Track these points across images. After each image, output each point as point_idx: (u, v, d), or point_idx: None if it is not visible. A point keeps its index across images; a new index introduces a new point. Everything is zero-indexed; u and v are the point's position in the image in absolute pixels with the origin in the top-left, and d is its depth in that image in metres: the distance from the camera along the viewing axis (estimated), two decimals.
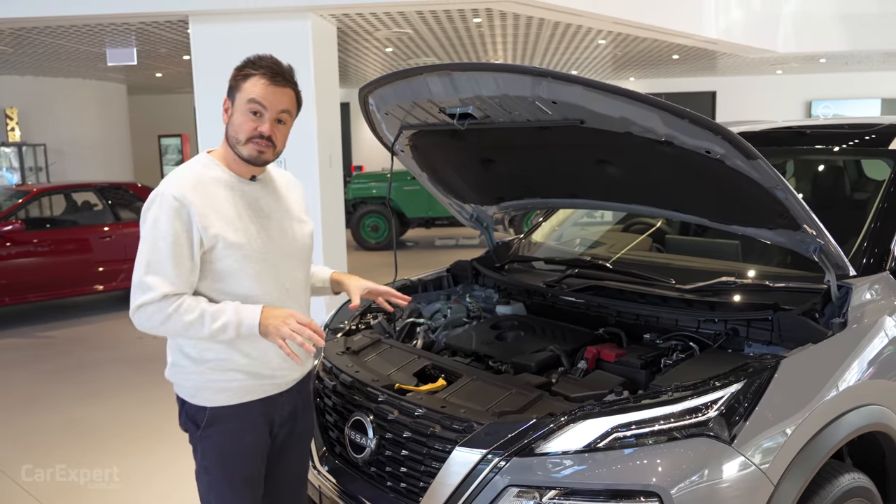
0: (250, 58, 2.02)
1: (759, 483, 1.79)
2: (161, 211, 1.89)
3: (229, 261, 1.94)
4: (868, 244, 2.43)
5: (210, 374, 1.98)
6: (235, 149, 1.99)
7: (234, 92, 2.00)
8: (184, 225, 1.89)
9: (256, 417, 2.04)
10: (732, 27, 9.88)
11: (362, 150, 17.01)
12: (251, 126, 1.95)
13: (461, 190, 3.12)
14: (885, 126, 2.98)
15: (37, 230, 7.82)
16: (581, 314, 2.68)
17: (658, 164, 2.24)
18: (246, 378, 2.00)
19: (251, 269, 1.97)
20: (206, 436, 2.02)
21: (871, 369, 2.13)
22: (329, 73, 7.14)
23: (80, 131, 13.20)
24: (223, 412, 2.00)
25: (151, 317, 1.88)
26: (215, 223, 1.92)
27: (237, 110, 1.97)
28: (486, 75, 2.15)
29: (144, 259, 1.89)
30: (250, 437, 2.04)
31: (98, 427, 4.71)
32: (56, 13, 6.60)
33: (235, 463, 2.03)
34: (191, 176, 1.97)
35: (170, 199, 1.89)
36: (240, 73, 2.00)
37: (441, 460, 1.94)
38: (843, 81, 15.51)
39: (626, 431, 1.80)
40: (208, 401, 2.00)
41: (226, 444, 2.02)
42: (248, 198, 2.03)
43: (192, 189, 1.93)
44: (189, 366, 2.00)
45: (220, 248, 1.93)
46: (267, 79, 1.96)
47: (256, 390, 2.03)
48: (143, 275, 1.88)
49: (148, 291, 1.87)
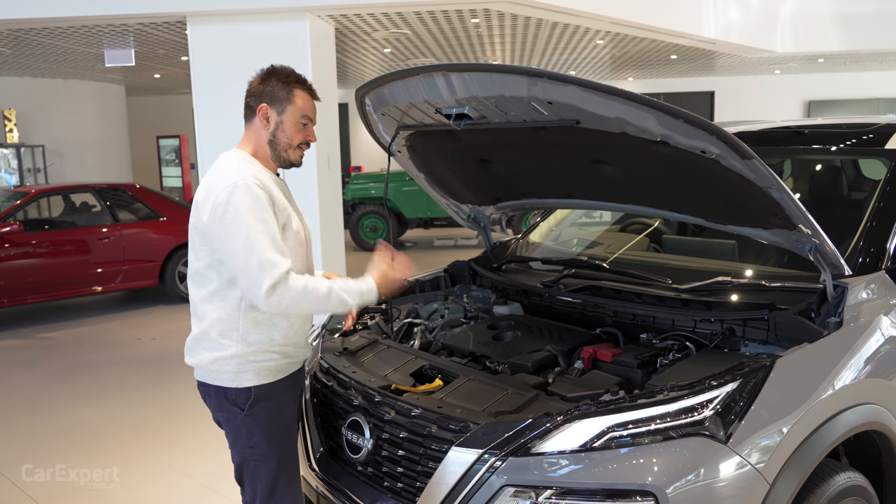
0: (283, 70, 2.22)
1: (754, 482, 1.79)
2: (252, 196, 2.05)
3: (290, 243, 2.16)
4: (864, 243, 2.44)
5: (253, 356, 2.15)
6: (285, 153, 2.23)
7: (282, 103, 2.20)
8: (272, 207, 2.10)
9: (290, 393, 2.26)
10: (730, 27, 9.89)
11: (361, 150, 17.01)
12: (303, 135, 2.24)
13: (458, 190, 3.12)
14: (882, 125, 2.98)
15: (35, 231, 7.82)
16: (578, 314, 2.68)
17: (654, 164, 2.24)
18: (280, 357, 2.20)
19: (301, 253, 2.22)
20: (251, 414, 2.17)
21: (866, 368, 2.14)
22: (327, 73, 7.14)
23: (79, 132, 13.20)
24: (265, 390, 2.17)
25: (285, 294, 2.02)
26: (286, 208, 2.17)
27: (289, 121, 2.20)
28: (483, 76, 2.16)
29: (258, 241, 2.01)
30: (287, 412, 2.25)
31: (97, 428, 4.71)
32: (54, 14, 6.59)
33: (279, 437, 2.21)
34: (250, 169, 2.15)
35: (254, 186, 2.07)
36: (287, 88, 2.20)
37: (438, 460, 1.95)
38: (841, 81, 15.53)
39: (622, 431, 1.80)
40: (251, 381, 2.16)
41: (271, 420, 2.20)
42: (277, 190, 2.20)
43: (260, 177, 2.14)
44: (232, 350, 2.14)
45: (288, 231, 2.16)
46: (311, 94, 2.25)
47: (286, 368, 2.24)
48: (264, 253, 2.01)
49: (274, 268, 2.00)
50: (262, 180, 2.12)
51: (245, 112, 2.25)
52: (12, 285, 7.32)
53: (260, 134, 2.22)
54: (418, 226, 12.72)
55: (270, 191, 2.12)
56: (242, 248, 2.01)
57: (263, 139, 2.22)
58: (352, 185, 12.43)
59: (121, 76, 12.84)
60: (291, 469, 2.26)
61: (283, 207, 2.15)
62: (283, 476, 2.22)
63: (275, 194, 2.14)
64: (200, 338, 2.18)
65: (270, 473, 2.19)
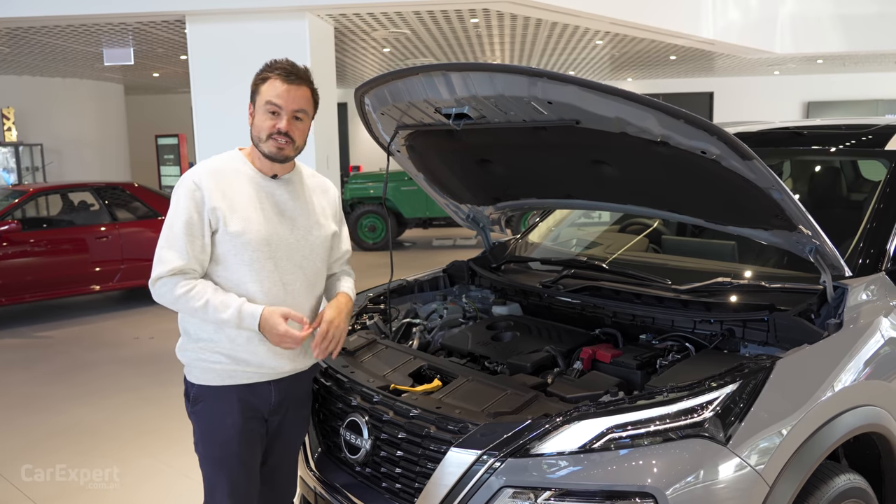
0: (267, 62, 2.16)
1: (754, 484, 1.79)
2: (180, 191, 2.10)
3: (227, 246, 2.10)
4: (864, 245, 2.43)
5: (200, 353, 2.14)
6: (259, 147, 2.16)
7: (254, 96, 2.16)
8: (196, 205, 2.07)
9: (237, 402, 2.15)
10: (730, 28, 9.89)
11: (360, 150, 17.00)
12: (270, 124, 2.11)
13: (457, 190, 3.12)
14: (882, 127, 2.98)
15: (33, 230, 7.81)
16: (577, 315, 2.68)
17: (654, 164, 2.24)
18: (229, 362, 2.12)
19: (246, 257, 2.11)
20: (194, 412, 2.19)
21: (866, 370, 2.13)
22: (326, 73, 7.14)
23: (77, 131, 13.18)
24: (206, 391, 2.15)
25: (164, 294, 2.08)
26: (220, 205, 2.09)
27: (258, 112, 2.14)
28: (482, 75, 2.15)
29: (164, 235, 2.09)
30: (230, 419, 2.15)
31: (96, 427, 4.70)
32: (53, 13, 6.59)
33: (217, 442, 2.16)
34: (213, 164, 2.16)
35: (188, 182, 2.10)
36: (258, 78, 2.15)
37: (436, 461, 1.94)
38: (840, 82, 15.54)
39: (621, 432, 1.80)
40: (196, 378, 2.17)
41: (208, 421, 2.17)
42: (264, 192, 2.18)
43: (210, 175, 2.12)
44: (185, 342, 2.18)
45: (221, 232, 2.09)
46: (282, 79, 2.10)
47: (239, 376, 2.14)
48: (160, 249, 2.08)
49: (161, 265, 2.07)
50: (202, 178, 2.09)
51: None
52: (10, 284, 7.30)
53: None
54: (417, 226, 12.71)
55: (205, 190, 2.08)
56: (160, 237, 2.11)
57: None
58: (350, 185, 12.43)
59: (119, 75, 12.83)
60: (232, 475, 2.15)
61: (214, 208, 2.06)
62: (221, 480, 2.16)
63: (208, 195, 2.07)
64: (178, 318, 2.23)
65: (207, 476, 2.20)
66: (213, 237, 2.10)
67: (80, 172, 12.85)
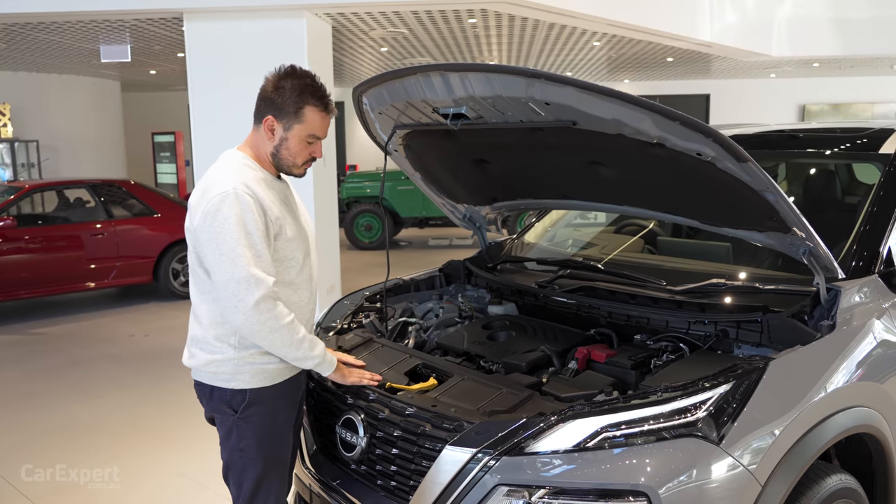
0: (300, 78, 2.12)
1: (746, 483, 1.80)
2: (241, 207, 2.02)
3: (286, 251, 2.15)
4: (857, 247, 2.45)
5: (250, 359, 2.13)
6: (290, 171, 2.20)
7: (289, 119, 2.12)
8: (262, 218, 2.06)
9: (287, 398, 2.23)
10: (727, 30, 9.91)
11: (356, 149, 17.00)
12: (308, 152, 2.18)
13: (454, 190, 3.13)
14: (876, 130, 2.99)
15: (29, 227, 7.80)
16: (572, 315, 2.69)
17: (650, 165, 2.25)
18: (279, 361, 2.17)
19: (300, 258, 2.19)
20: (244, 417, 2.16)
21: (859, 371, 2.15)
22: (324, 72, 7.14)
23: (74, 128, 13.14)
24: (261, 393, 2.16)
25: (268, 320, 2.02)
26: (280, 216, 2.12)
27: (295, 139, 2.14)
28: (480, 76, 2.16)
29: (243, 255, 1.99)
30: (283, 417, 2.23)
31: (91, 425, 4.70)
32: (50, 9, 6.57)
33: (273, 443, 2.20)
34: (248, 175, 2.11)
35: (245, 196, 2.03)
36: (297, 100, 2.10)
37: (431, 459, 1.95)
38: (836, 85, 15.59)
39: (615, 431, 1.81)
40: (247, 383, 2.15)
41: (263, 424, 2.17)
42: (282, 194, 2.21)
43: (256, 185, 2.10)
44: (229, 353, 2.13)
45: (283, 239, 2.13)
46: (323, 110, 2.14)
47: (286, 371, 2.21)
48: (250, 268, 2.00)
49: (261, 283, 2.01)
50: (253, 189, 2.06)
51: (255, 112, 2.18)
52: (5, 280, 7.29)
53: (263, 142, 2.17)
54: (413, 225, 12.71)
55: (262, 200, 2.07)
56: (228, 261, 2.00)
57: (265, 148, 2.18)
58: (347, 184, 12.42)
59: (116, 72, 12.80)
60: (279, 474, 2.24)
61: (276, 217, 2.10)
62: (269, 480, 2.20)
63: (266, 204, 2.08)
64: (198, 339, 2.18)
65: (255, 477, 2.18)
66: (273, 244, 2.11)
67: (76, 169, 12.80)
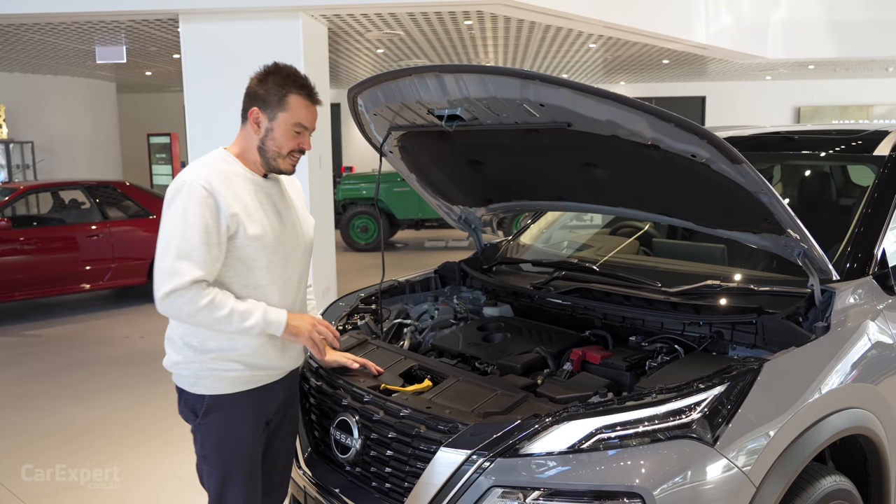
0: (282, 71, 2.10)
1: (741, 485, 1.80)
2: (190, 199, 1.98)
3: (248, 250, 2.05)
4: (852, 249, 2.45)
5: (211, 364, 2.07)
6: (274, 161, 2.12)
7: (273, 108, 2.08)
8: (212, 213, 1.99)
9: (251, 407, 2.13)
10: (722, 33, 9.94)
11: (352, 151, 17.00)
12: (295, 143, 2.12)
13: (449, 191, 3.13)
14: (871, 132, 3.00)
15: (23, 228, 7.77)
16: (567, 316, 2.69)
17: (644, 167, 2.25)
18: (244, 368, 2.09)
19: (265, 260, 2.09)
20: (204, 424, 2.11)
21: (853, 373, 2.15)
22: (320, 73, 7.13)
23: (69, 129, 13.12)
24: (221, 401, 2.09)
25: (181, 307, 1.96)
26: (238, 211, 2.03)
27: (280, 128, 2.09)
28: (475, 77, 2.16)
29: (175, 246, 1.96)
30: (245, 426, 2.13)
31: (86, 427, 4.69)
32: (45, 10, 6.55)
33: (232, 451, 2.12)
34: (214, 168, 2.07)
35: (198, 188, 1.99)
36: (280, 90, 2.07)
37: (426, 461, 1.95)
38: (831, 88, 15.63)
39: (609, 433, 1.81)
40: (207, 389, 2.09)
41: (223, 432, 2.11)
42: (263, 192, 2.14)
43: (217, 179, 2.03)
44: (191, 355, 2.08)
45: (241, 237, 2.04)
46: (307, 98, 2.10)
47: (253, 380, 2.13)
48: (175, 260, 1.95)
49: (176, 276, 1.94)
50: (212, 183, 2.00)
51: (241, 111, 2.16)
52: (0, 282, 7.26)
53: (250, 137, 2.13)
54: (409, 227, 12.71)
55: (219, 195, 2.00)
56: (163, 249, 1.98)
57: (252, 143, 2.12)
58: (343, 186, 12.42)
59: (112, 73, 12.78)
60: (245, 482, 2.14)
61: (233, 214, 2.01)
62: (232, 488, 2.13)
63: (223, 199, 2.00)
64: (168, 338, 2.15)
65: (217, 484, 2.13)
66: (230, 243, 2.03)
67: (71, 170, 12.79)
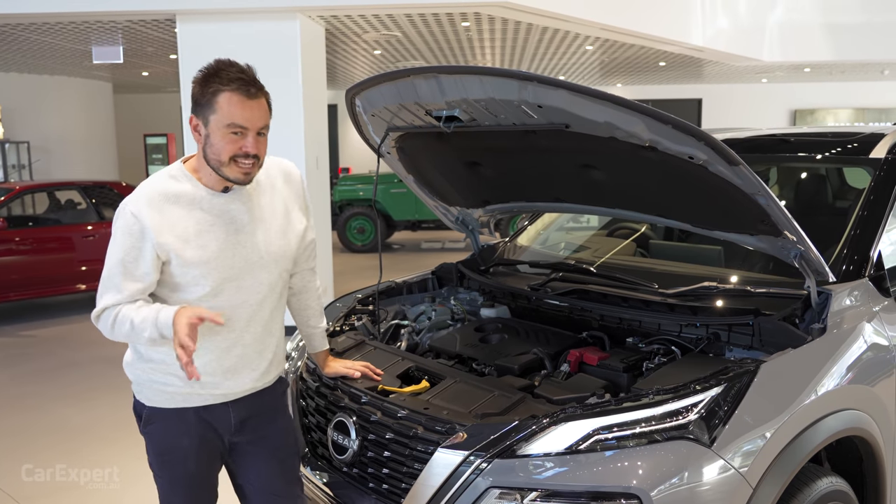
0: (212, 68, 1.87)
1: (738, 486, 1.81)
2: (117, 225, 1.92)
3: (186, 277, 1.92)
4: (848, 251, 2.46)
5: (151, 374, 2.01)
6: (220, 171, 1.88)
7: (205, 111, 1.85)
8: (134, 241, 1.88)
9: (195, 423, 2.02)
10: (719, 35, 9.97)
11: (349, 151, 16.99)
12: (235, 146, 1.85)
13: (447, 193, 3.13)
14: (867, 135, 3.01)
15: (19, 228, 7.76)
16: (565, 317, 2.69)
17: (642, 168, 2.26)
18: (182, 385, 1.97)
19: (208, 284, 1.92)
20: (146, 432, 2.07)
21: (849, 374, 2.16)
22: (317, 74, 7.13)
23: (65, 129, 13.09)
24: (159, 413, 2.03)
25: (103, 329, 1.96)
26: (170, 239, 1.88)
27: (215, 133, 1.85)
28: (473, 78, 2.16)
29: (104, 271, 1.95)
30: (187, 440, 2.02)
31: (84, 428, 4.68)
32: (42, 10, 6.55)
33: (171, 462, 2.06)
34: (152, 191, 1.92)
35: (127, 215, 1.90)
36: (206, 90, 1.84)
37: (423, 461, 1.95)
38: (827, 91, 15.68)
39: (607, 434, 1.81)
40: (147, 399, 2.04)
41: (162, 443, 2.05)
42: (215, 211, 1.94)
43: (150, 205, 1.89)
44: (137, 362, 2.04)
45: (175, 264, 1.90)
46: (241, 94, 1.83)
47: (193, 398, 2.00)
48: (101, 285, 1.95)
49: (99, 302, 1.94)
50: (140, 208, 1.87)
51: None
52: None
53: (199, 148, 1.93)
54: (406, 228, 12.72)
55: (145, 220, 1.86)
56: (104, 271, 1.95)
57: (201, 153, 1.92)
58: (340, 187, 12.42)
59: (108, 73, 12.75)
60: (189, 496, 2.07)
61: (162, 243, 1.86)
62: (177, 500, 2.07)
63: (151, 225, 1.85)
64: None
65: (163, 491, 2.10)
66: (165, 267, 1.90)
67: (68, 171, 12.75)
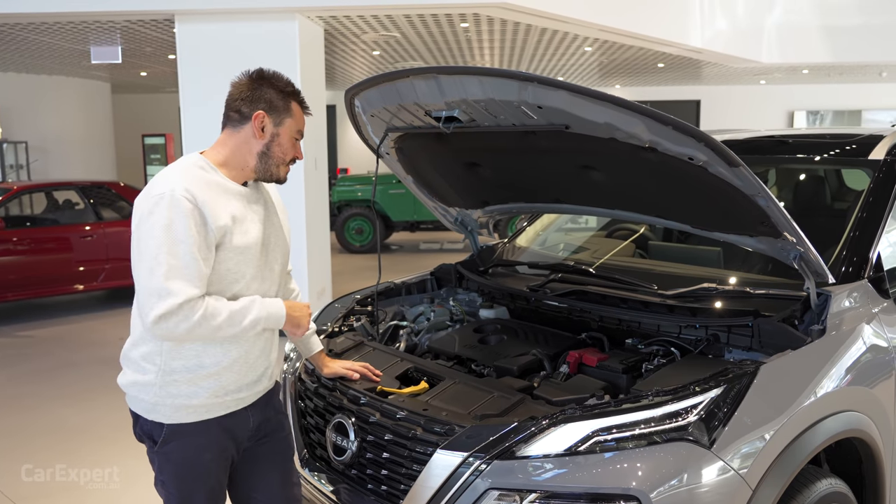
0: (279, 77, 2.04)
1: (737, 488, 1.80)
2: (174, 212, 1.82)
3: (230, 263, 1.92)
4: (847, 253, 2.46)
5: (172, 388, 1.91)
6: (276, 168, 2.04)
7: (281, 114, 2.01)
8: (197, 226, 1.84)
9: (217, 434, 1.99)
10: (717, 37, 9.98)
11: (348, 152, 16.99)
12: (296, 150, 2.06)
13: (446, 193, 3.12)
14: (866, 136, 3.01)
15: (17, 228, 7.74)
16: (564, 319, 2.69)
17: (642, 170, 2.25)
18: (209, 395, 1.94)
19: (248, 272, 1.97)
20: (163, 452, 1.97)
21: (848, 376, 2.16)
22: (315, 74, 7.13)
23: (63, 129, 13.08)
24: (182, 429, 1.95)
25: (177, 326, 1.80)
26: (226, 222, 1.90)
27: (285, 134, 2.02)
28: (473, 79, 2.16)
29: (164, 264, 1.80)
30: (209, 455, 1.98)
31: (82, 428, 4.66)
32: (40, 9, 6.54)
33: (192, 479, 1.98)
34: (192, 177, 1.91)
35: (181, 200, 1.83)
36: (284, 96, 2.01)
37: (422, 463, 1.94)
38: (824, 92, 15.70)
39: (606, 435, 1.81)
40: (166, 418, 1.94)
41: (183, 462, 1.97)
42: (245, 200, 2.00)
43: (198, 189, 1.88)
44: (151, 377, 1.92)
45: (226, 249, 1.91)
46: (302, 107, 2.08)
47: (218, 408, 1.97)
48: (165, 280, 1.79)
49: (169, 297, 1.78)
50: (194, 193, 1.85)
51: (230, 116, 2.01)
52: None
53: (247, 143, 1.99)
54: (405, 229, 12.70)
55: (204, 205, 1.86)
56: (148, 267, 1.81)
57: (250, 149, 1.99)
58: (338, 187, 12.40)
59: (107, 73, 12.75)
60: None
61: (222, 226, 1.88)
62: None
63: (210, 210, 1.87)
64: (125, 355, 2.00)
65: None
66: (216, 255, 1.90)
67: (66, 171, 12.74)
